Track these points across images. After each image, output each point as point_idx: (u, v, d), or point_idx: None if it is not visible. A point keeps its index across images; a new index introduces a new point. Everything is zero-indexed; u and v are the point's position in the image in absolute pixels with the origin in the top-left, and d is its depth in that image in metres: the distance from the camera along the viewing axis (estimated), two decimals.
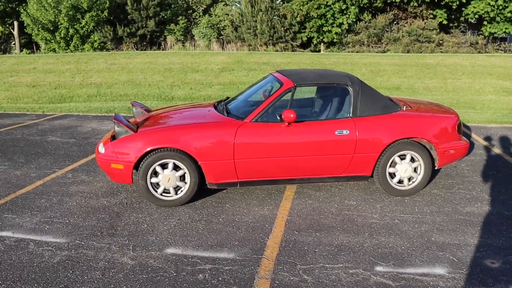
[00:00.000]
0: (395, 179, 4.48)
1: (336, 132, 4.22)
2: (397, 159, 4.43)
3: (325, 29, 17.50)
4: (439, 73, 12.50)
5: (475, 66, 12.84)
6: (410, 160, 4.48)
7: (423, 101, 5.46)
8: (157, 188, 4.14)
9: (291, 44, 18.02)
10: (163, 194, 4.15)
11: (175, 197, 4.15)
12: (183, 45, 18.13)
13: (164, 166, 4.11)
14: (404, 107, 4.70)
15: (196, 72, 12.88)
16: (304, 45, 18.94)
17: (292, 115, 4.01)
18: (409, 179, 4.53)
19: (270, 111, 4.24)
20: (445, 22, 16.93)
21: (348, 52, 17.11)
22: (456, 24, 18.03)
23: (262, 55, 14.50)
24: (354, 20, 17.16)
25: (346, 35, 17.84)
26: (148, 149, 3.97)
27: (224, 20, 19.23)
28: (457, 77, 12.26)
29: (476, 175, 5.18)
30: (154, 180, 4.08)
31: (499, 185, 4.83)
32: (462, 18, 16.88)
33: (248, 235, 3.61)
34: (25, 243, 3.43)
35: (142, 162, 4.02)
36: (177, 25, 19.82)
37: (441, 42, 16.58)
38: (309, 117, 4.59)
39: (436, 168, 4.55)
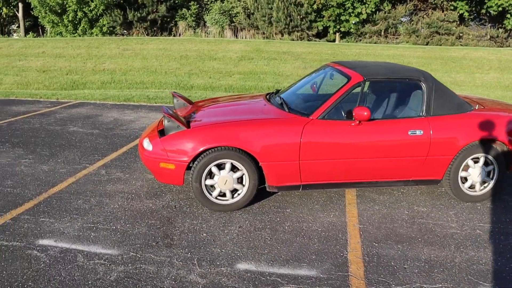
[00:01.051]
0: (467, 184, 4.07)
1: (409, 132, 3.80)
2: (470, 163, 4.02)
3: (342, 18, 16.97)
4: (466, 67, 12.05)
5: (502, 60, 12.39)
6: (484, 164, 4.06)
7: (487, 99, 5.03)
8: (212, 191, 3.71)
9: (307, 33, 17.48)
10: (218, 197, 3.73)
11: (232, 201, 3.73)
12: (194, 32, 17.56)
13: (220, 167, 3.67)
14: (477, 106, 4.27)
15: (213, 60, 12.38)
16: (319, 35, 18.41)
17: (365, 113, 3.58)
18: (481, 184, 4.12)
19: (336, 108, 3.81)
20: (466, 14, 16.41)
21: (366, 43, 16.60)
22: (474, 17, 17.52)
23: (280, 44, 13.99)
24: (374, 9, 16.62)
25: (363, 25, 17.31)
26: (205, 147, 3.53)
27: (237, 7, 18.63)
28: (484, 71, 11.81)
29: None
30: (208, 182, 3.65)
31: None
32: (483, 11, 16.37)
33: (323, 247, 3.20)
34: (72, 255, 3.01)
35: (196, 162, 3.59)
36: (189, 10, 19.21)
37: (461, 34, 16.09)
38: (378, 115, 4.15)
39: (508, 172, 4.15)
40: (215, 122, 3.71)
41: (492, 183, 4.09)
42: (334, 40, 18.38)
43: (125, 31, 18.53)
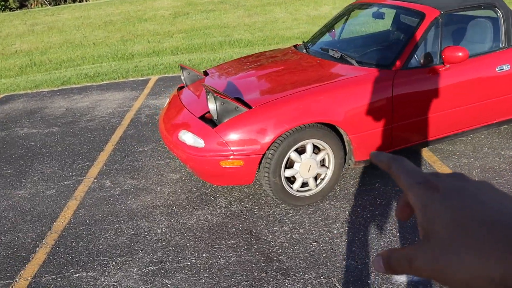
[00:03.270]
0: None
1: (497, 69, 3.19)
2: None
3: None
4: None
5: None
6: None
7: None
8: (292, 184, 2.85)
9: None
10: (299, 189, 2.88)
11: (316, 189, 2.90)
12: None
13: (300, 151, 2.80)
14: None
15: (145, 22, 10.82)
16: None
17: (460, 53, 2.85)
18: None
19: (413, 53, 3.05)
20: None
21: None
22: None
23: None
24: None
25: None
26: (284, 129, 2.62)
27: None
28: None
29: None
30: (288, 172, 2.78)
31: None
32: None
33: None
34: None
35: (271, 151, 2.68)
36: None
37: None
38: None
39: None
40: (283, 96, 2.77)
41: None
42: None
43: (20, 4, 15.75)
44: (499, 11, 3.31)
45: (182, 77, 3.63)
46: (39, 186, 3.60)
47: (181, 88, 3.68)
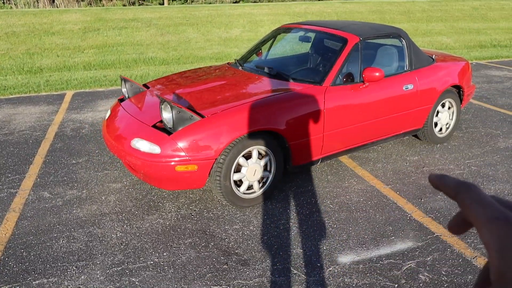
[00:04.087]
0: (437, 128, 4.40)
1: (404, 88, 3.86)
2: (440, 108, 4.34)
3: None
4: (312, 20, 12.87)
5: (338, 12, 13.66)
6: (448, 108, 4.44)
7: (433, 51, 5.43)
8: (239, 187, 3.14)
9: None
10: (245, 192, 3.19)
11: (260, 192, 3.23)
12: (3, 3, 14.31)
13: (246, 157, 3.12)
14: (434, 56, 4.55)
15: (52, 35, 10.36)
16: None
17: (377, 74, 3.44)
18: (446, 126, 4.51)
19: (339, 73, 3.58)
20: None
21: (200, 4, 16.20)
22: None
23: (122, 10, 12.50)
24: None
25: None
26: (236, 136, 2.92)
27: None
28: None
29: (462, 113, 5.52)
30: (236, 176, 3.07)
31: (489, 122, 5.25)
32: None
33: (389, 216, 3.06)
34: None
35: (223, 156, 2.96)
36: None
37: None
38: None
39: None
40: (232, 106, 3.07)
41: (452, 123, 4.50)
42: (163, 3, 17.39)
43: None
44: (403, 41, 4.00)
45: (124, 89, 3.74)
46: None
47: (121, 100, 3.77)
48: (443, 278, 2.44)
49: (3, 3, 14.66)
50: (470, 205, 0.34)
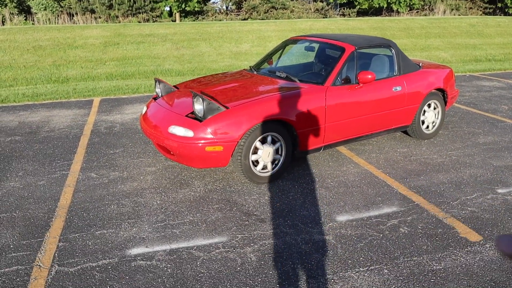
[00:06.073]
0: (424, 126, 5.08)
1: (393, 89, 4.55)
2: (426, 108, 5.02)
3: None
4: None
5: (342, 29, 14.48)
6: (434, 108, 5.12)
7: (421, 60, 6.17)
8: (256, 166, 3.83)
9: (151, 15, 17.03)
10: (261, 171, 3.87)
11: (272, 171, 3.91)
12: (25, 20, 15.29)
13: (262, 142, 3.81)
14: (420, 63, 5.26)
15: (76, 49, 11.21)
16: (161, 16, 18.11)
17: (370, 76, 4.14)
18: (432, 124, 5.18)
19: (338, 75, 4.29)
20: None
21: (212, 20, 17.11)
22: None
23: (139, 26, 13.40)
24: None
25: (205, 3, 17.73)
26: (254, 124, 3.62)
27: None
28: None
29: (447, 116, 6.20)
30: (253, 157, 3.76)
31: (473, 122, 5.92)
32: None
33: (378, 191, 3.73)
34: (186, 253, 2.86)
35: (243, 140, 3.66)
36: None
37: (293, 8, 17.99)
38: None
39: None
40: (251, 100, 3.78)
41: (438, 122, 5.18)
42: (174, 20, 18.34)
43: None
44: (393, 50, 4.72)
45: (158, 90, 4.47)
46: (28, 179, 4.11)
47: (154, 98, 4.50)
48: (418, 231, 3.10)
49: (25, 19, 15.62)
50: None
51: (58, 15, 16.36)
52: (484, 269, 2.68)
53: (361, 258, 2.78)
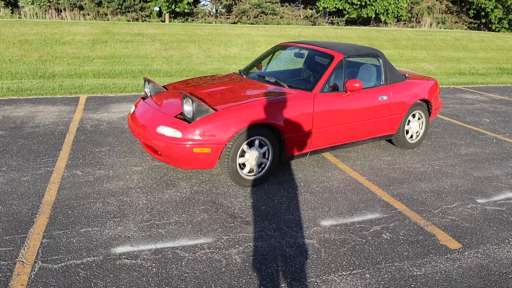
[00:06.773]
0: (408, 135, 5.19)
1: (380, 98, 4.64)
2: (410, 118, 5.13)
3: None
4: None
5: (330, 37, 14.64)
6: (418, 118, 5.24)
7: (407, 70, 6.29)
8: (243, 169, 3.86)
9: (140, 14, 16.96)
10: (247, 174, 3.91)
11: (259, 175, 3.95)
12: (11, 13, 15.07)
13: (250, 145, 3.85)
14: (406, 74, 5.37)
15: (63, 45, 11.10)
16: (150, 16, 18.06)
17: (357, 85, 4.22)
18: (416, 134, 5.30)
19: (327, 83, 4.36)
20: None
21: (202, 22, 17.12)
22: None
23: (128, 25, 13.32)
24: None
25: (195, 5, 17.73)
26: (243, 127, 3.66)
27: None
28: None
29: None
30: (240, 160, 3.80)
31: (454, 133, 6.06)
32: None
33: (360, 198, 3.80)
34: (171, 253, 2.88)
35: (231, 142, 3.69)
36: None
37: (283, 14, 18.12)
38: None
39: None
40: (240, 103, 3.82)
41: (422, 132, 5.29)
42: (164, 21, 18.30)
43: None
44: (380, 60, 4.81)
45: (147, 89, 4.47)
46: (11, 174, 4.06)
47: (143, 98, 4.50)
48: (400, 237, 3.17)
49: (12, 12, 15.41)
50: None
51: (45, 10, 16.17)
52: (463, 275, 2.76)
53: (344, 262, 2.83)
